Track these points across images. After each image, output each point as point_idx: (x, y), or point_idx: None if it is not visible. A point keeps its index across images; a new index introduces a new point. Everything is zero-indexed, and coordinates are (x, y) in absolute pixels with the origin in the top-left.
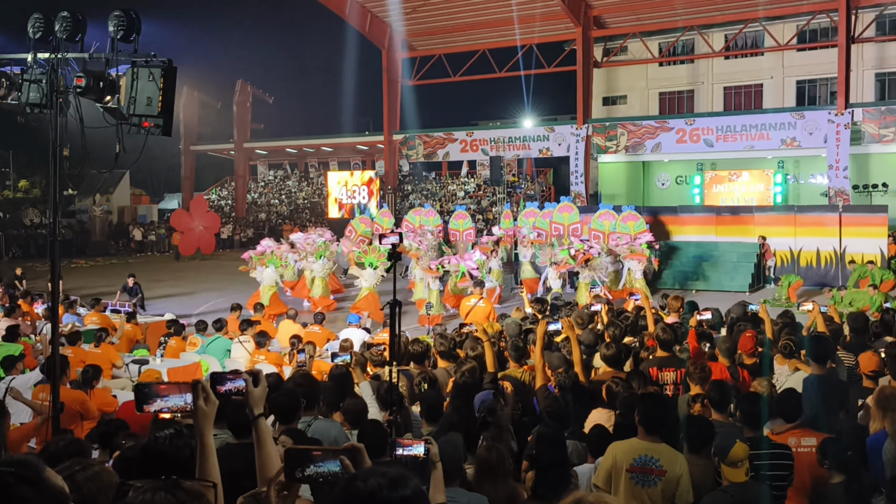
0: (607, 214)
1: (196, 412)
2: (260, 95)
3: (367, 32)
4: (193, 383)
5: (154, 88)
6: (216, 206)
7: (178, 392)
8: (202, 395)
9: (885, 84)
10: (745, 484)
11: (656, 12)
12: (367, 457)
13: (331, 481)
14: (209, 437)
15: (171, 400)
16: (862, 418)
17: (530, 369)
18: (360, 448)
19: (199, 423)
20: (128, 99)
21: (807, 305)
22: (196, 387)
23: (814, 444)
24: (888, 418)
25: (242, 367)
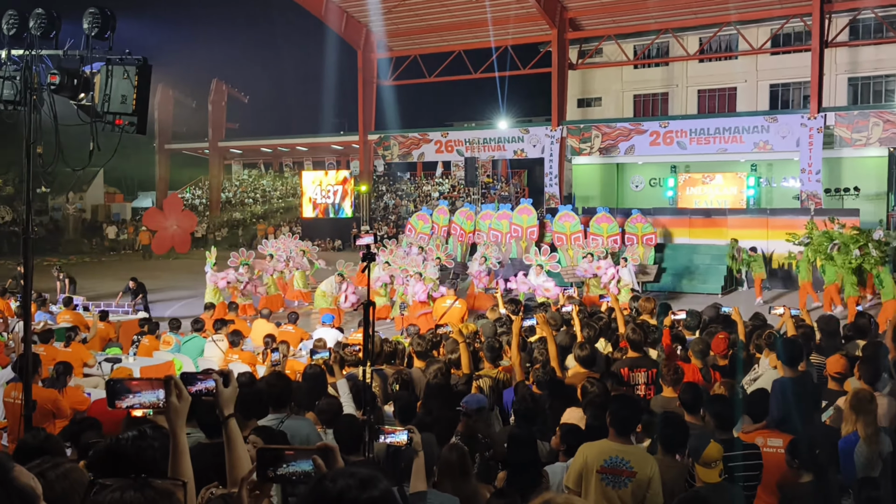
0: (568, 216)
1: (168, 408)
2: (235, 95)
3: (342, 32)
4: (166, 379)
5: (128, 86)
6: (190, 204)
7: (150, 388)
8: (175, 392)
9: (857, 88)
10: (718, 485)
11: (631, 15)
12: (339, 457)
13: (303, 481)
14: (182, 434)
15: (142, 396)
16: (833, 420)
17: (505, 370)
18: (333, 448)
19: (171, 420)
20: (102, 97)
21: (778, 310)
22: (169, 383)
23: (780, 444)
24: (861, 421)
25: (216, 366)
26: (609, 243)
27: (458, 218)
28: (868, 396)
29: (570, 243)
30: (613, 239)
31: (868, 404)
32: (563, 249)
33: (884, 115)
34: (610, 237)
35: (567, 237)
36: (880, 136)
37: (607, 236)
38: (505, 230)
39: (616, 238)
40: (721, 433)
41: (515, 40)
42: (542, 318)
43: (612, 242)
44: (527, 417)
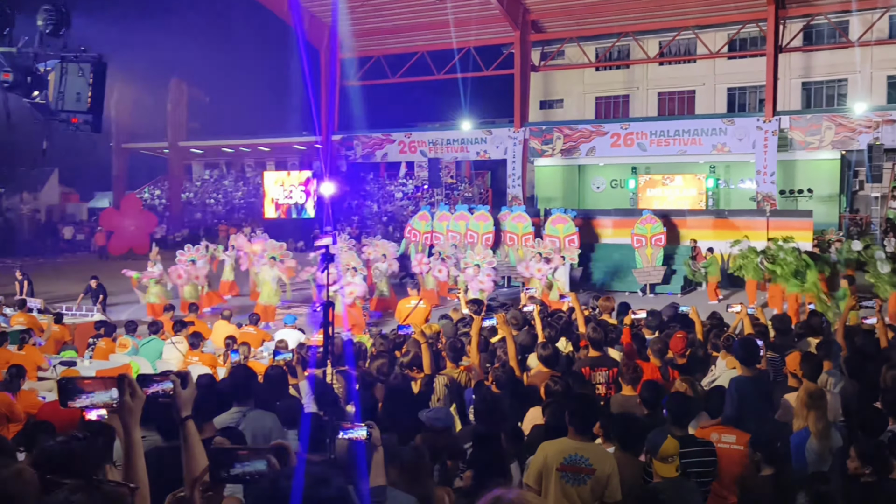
0: (520, 217)
1: (122, 407)
2: (196, 94)
3: (305, 32)
4: (119, 378)
5: (84, 84)
6: (149, 205)
7: (103, 387)
8: (128, 390)
9: (810, 93)
10: (675, 480)
11: (593, 18)
12: (294, 455)
13: (257, 481)
14: (136, 433)
15: (95, 396)
16: (781, 416)
17: (466, 369)
18: (288, 446)
19: (125, 419)
20: (56, 94)
21: (735, 307)
22: (122, 381)
23: (733, 440)
24: (812, 416)
25: (175, 368)
26: (566, 244)
27: (415, 220)
28: (819, 393)
29: (521, 243)
30: (570, 239)
31: (819, 400)
32: (514, 249)
33: (836, 118)
34: (566, 237)
35: (518, 237)
36: (832, 140)
37: (563, 237)
38: (462, 231)
39: (573, 238)
40: (677, 429)
41: (478, 42)
42: (501, 317)
43: (569, 243)
44: (487, 417)
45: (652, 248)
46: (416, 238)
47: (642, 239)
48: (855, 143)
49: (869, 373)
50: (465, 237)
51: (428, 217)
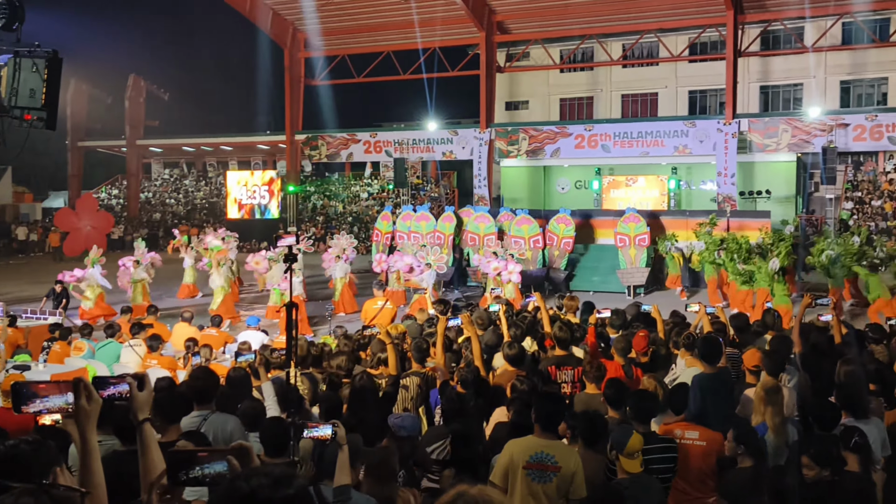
0: (483, 217)
1: (78, 412)
2: (154, 91)
3: (269, 30)
4: (75, 381)
5: (37, 80)
6: (107, 205)
7: (58, 392)
8: (84, 394)
9: (768, 96)
10: (639, 475)
11: (557, 20)
12: (255, 456)
13: (217, 483)
14: (92, 438)
15: (51, 400)
16: (740, 411)
17: (432, 370)
18: (249, 447)
19: (81, 424)
20: (9, 90)
21: (694, 307)
22: (78, 385)
23: (696, 436)
24: (769, 412)
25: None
26: (531, 244)
27: (378, 221)
28: (776, 388)
29: (483, 244)
30: (535, 240)
31: (775, 395)
32: (475, 249)
33: (792, 122)
34: (531, 238)
35: (480, 238)
36: (789, 142)
37: (528, 237)
38: (425, 232)
39: (537, 239)
40: (640, 426)
41: (444, 42)
42: (465, 317)
43: (534, 244)
44: (454, 417)
45: (636, 248)
46: (378, 238)
47: (626, 238)
48: (810, 145)
49: (824, 369)
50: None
51: (390, 217)
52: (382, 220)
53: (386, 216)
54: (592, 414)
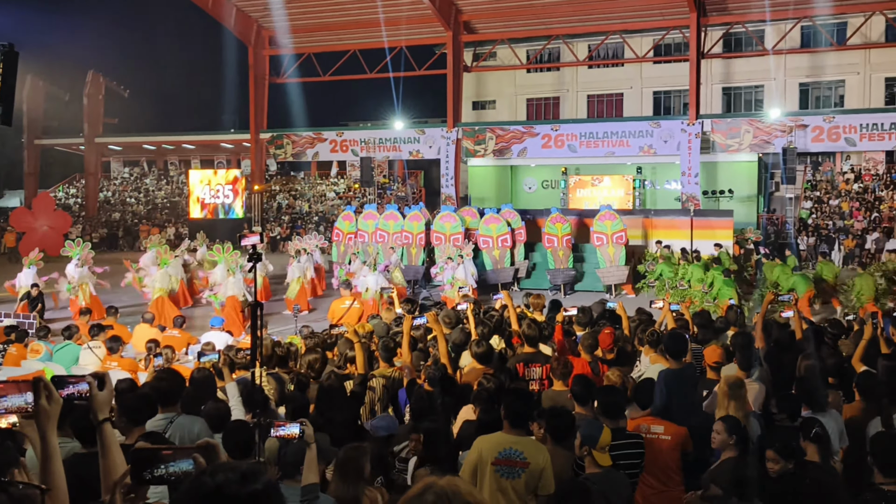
0: (449, 217)
1: (38, 412)
2: (114, 88)
3: (233, 27)
4: (34, 381)
5: None
6: (64, 204)
7: (17, 391)
8: (44, 394)
9: (731, 97)
10: (606, 470)
11: (524, 20)
12: (222, 453)
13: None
14: (53, 438)
15: (9, 400)
16: (707, 406)
17: (400, 369)
18: (215, 444)
19: (41, 424)
20: None
21: (658, 303)
22: (37, 384)
23: (661, 431)
24: (732, 406)
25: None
26: (499, 243)
27: (339, 220)
28: (738, 383)
29: (448, 243)
30: (503, 239)
31: (738, 390)
32: (441, 249)
33: (754, 122)
34: (499, 237)
35: (446, 237)
36: (751, 143)
37: (496, 236)
38: (392, 231)
39: (506, 238)
40: (609, 421)
41: (410, 41)
42: (431, 316)
43: (503, 243)
44: (423, 415)
45: (613, 246)
46: (339, 238)
47: (603, 237)
48: (771, 146)
49: (785, 364)
50: (401, 238)
51: (352, 217)
52: (344, 220)
53: (348, 216)
54: (560, 410)
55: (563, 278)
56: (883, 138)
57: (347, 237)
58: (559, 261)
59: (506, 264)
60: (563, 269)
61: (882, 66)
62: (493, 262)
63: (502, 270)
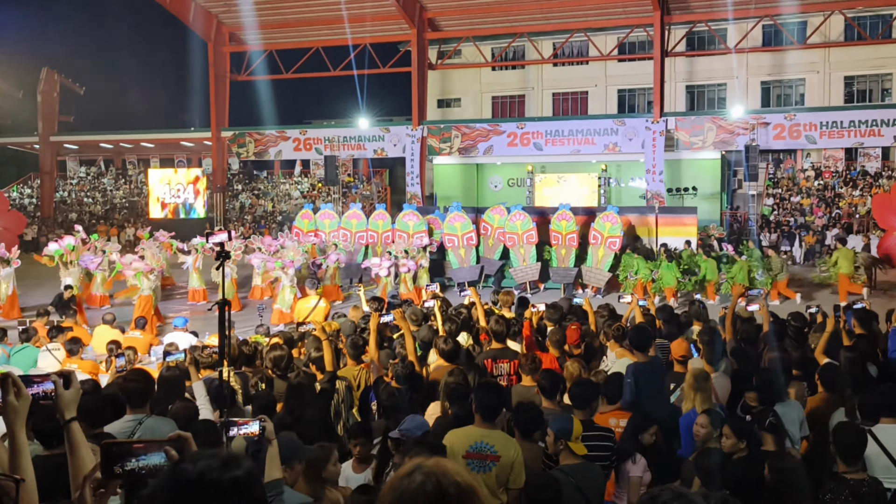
0: (411, 215)
1: (6, 409)
2: (69, 85)
3: (191, 23)
4: (2, 377)
5: None
6: (18, 204)
7: None
8: (13, 390)
9: (694, 95)
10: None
11: (488, 17)
12: (194, 445)
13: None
14: (21, 434)
15: None
16: (679, 399)
17: (368, 367)
18: (187, 437)
19: (9, 421)
20: None
21: (626, 298)
22: (5, 381)
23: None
24: (698, 398)
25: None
26: (465, 241)
27: (298, 220)
28: (704, 375)
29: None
30: (468, 237)
31: (704, 382)
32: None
33: (717, 120)
34: (464, 235)
35: (409, 235)
36: (714, 140)
37: (462, 234)
38: (354, 230)
39: (471, 236)
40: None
41: (375, 39)
42: (398, 313)
43: (468, 241)
44: (393, 412)
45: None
46: (299, 237)
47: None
48: (734, 143)
49: (751, 357)
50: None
51: (311, 216)
52: (303, 219)
53: (306, 214)
54: (527, 405)
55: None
56: (842, 136)
57: (308, 235)
58: (561, 259)
59: (472, 262)
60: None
61: (841, 64)
62: (460, 261)
63: (469, 269)
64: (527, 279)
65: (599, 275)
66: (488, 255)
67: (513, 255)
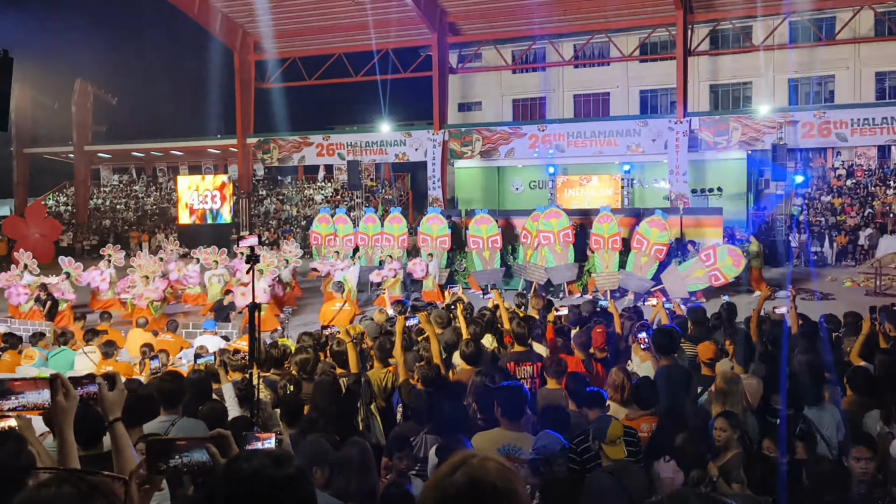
0: (435, 219)
1: (55, 408)
2: (102, 96)
3: (217, 33)
4: (52, 378)
5: None
6: (54, 212)
7: (34, 388)
8: (61, 391)
9: (718, 95)
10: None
11: (509, 21)
12: (234, 444)
13: (197, 472)
14: (70, 433)
15: (26, 397)
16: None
17: (394, 370)
18: (227, 435)
19: (59, 421)
20: None
21: (651, 300)
22: (55, 382)
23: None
24: (729, 401)
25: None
26: (489, 244)
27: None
28: (734, 378)
29: (436, 245)
30: (493, 240)
31: (734, 386)
32: (425, 251)
33: (742, 119)
34: (489, 237)
35: (432, 238)
36: (739, 140)
37: (486, 237)
38: (371, 233)
39: (496, 238)
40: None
41: (396, 44)
42: (423, 316)
43: (492, 244)
44: (420, 413)
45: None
46: (318, 241)
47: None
48: (760, 142)
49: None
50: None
51: (328, 219)
52: (320, 223)
53: (323, 218)
54: (555, 407)
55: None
56: (875, 133)
57: (327, 239)
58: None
59: (495, 265)
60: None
61: (872, 60)
62: (483, 263)
63: (492, 271)
64: (564, 280)
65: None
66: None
67: (548, 253)
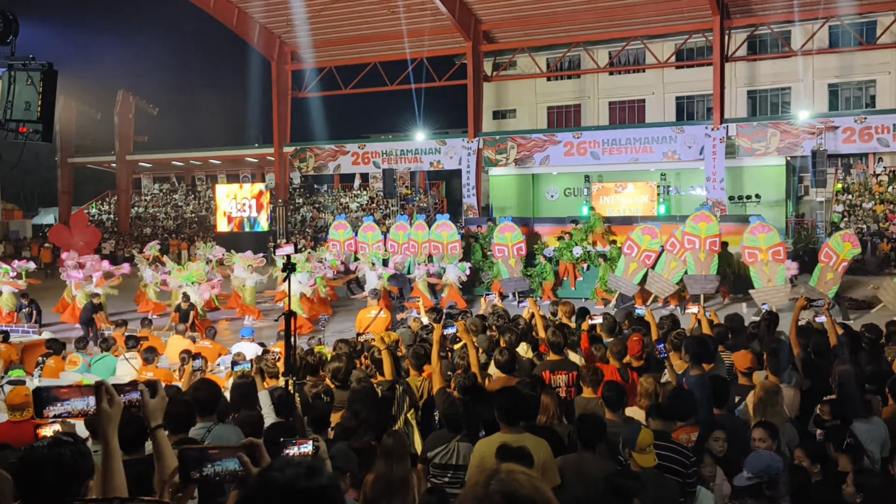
0: (444, 225)
1: (100, 415)
2: (143, 106)
3: (255, 44)
4: (97, 385)
5: (33, 93)
6: (97, 220)
7: (79, 395)
8: (106, 397)
9: (756, 101)
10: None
11: (543, 28)
12: (266, 453)
13: (229, 480)
14: (114, 440)
15: (72, 403)
16: (744, 413)
17: (430, 377)
18: (259, 444)
19: (103, 427)
20: (4, 104)
21: (692, 308)
22: (99, 389)
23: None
24: (769, 411)
25: None
26: (514, 252)
27: (332, 231)
28: (774, 388)
29: (447, 251)
30: (518, 248)
31: (774, 396)
32: (438, 258)
33: (780, 125)
34: (514, 245)
35: (443, 245)
36: (778, 146)
37: (512, 244)
38: (421, 240)
39: (521, 246)
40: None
41: (431, 52)
42: (461, 325)
43: (517, 251)
44: (455, 420)
45: (706, 253)
46: (336, 247)
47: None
48: (799, 149)
49: (821, 370)
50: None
51: (345, 226)
52: (336, 230)
53: (340, 225)
54: (591, 416)
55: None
56: None
57: (347, 244)
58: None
59: (521, 273)
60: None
61: None
62: (510, 271)
63: (518, 280)
64: (665, 294)
65: (665, 285)
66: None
67: (690, 260)
